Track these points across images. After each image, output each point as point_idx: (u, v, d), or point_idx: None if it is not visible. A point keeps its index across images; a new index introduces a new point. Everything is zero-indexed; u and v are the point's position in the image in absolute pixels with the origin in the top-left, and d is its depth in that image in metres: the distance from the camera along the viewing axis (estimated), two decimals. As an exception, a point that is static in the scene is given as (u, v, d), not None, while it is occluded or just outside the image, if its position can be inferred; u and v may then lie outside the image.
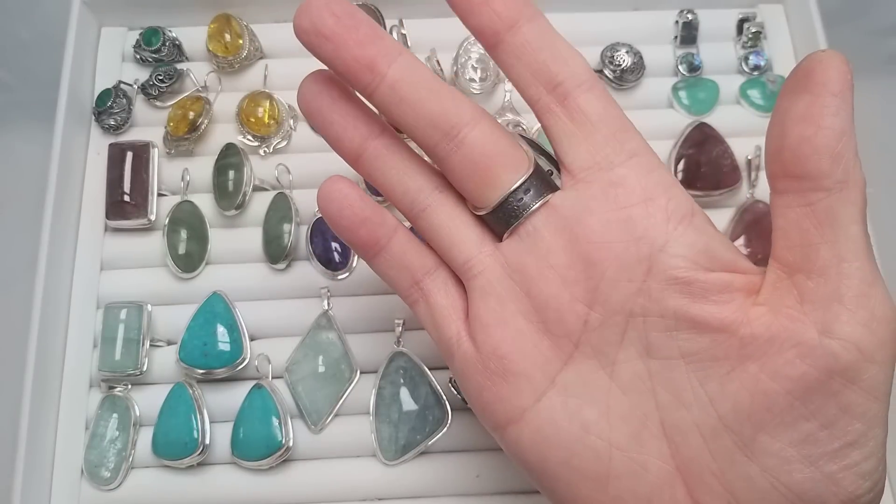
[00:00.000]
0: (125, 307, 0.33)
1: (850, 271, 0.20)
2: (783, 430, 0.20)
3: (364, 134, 0.24)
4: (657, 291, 0.22)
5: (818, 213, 0.20)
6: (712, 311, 0.21)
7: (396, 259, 0.25)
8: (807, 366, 0.20)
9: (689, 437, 0.21)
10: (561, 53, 0.23)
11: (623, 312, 0.22)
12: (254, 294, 0.34)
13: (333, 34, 0.22)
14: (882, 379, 0.20)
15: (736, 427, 0.21)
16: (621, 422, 0.22)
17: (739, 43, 0.39)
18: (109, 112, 0.37)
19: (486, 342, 0.23)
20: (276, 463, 0.31)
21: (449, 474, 0.32)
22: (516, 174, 0.23)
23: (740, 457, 0.21)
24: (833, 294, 0.20)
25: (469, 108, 0.23)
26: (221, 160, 0.35)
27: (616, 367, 0.22)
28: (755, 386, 0.20)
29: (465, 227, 0.24)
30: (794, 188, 0.21)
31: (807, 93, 0.20)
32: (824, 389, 0.19)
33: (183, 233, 0.35)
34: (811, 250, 0.20)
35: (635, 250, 0.22)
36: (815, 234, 0.20)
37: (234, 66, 0.37)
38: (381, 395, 0.32)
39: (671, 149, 0.36)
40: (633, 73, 0.37)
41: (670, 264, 0.21)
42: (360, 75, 0.22)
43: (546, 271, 0.23)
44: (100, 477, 0.32)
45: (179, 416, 0.31)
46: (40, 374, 0.32)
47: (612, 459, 0.22)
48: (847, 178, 0.20)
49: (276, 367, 0.33)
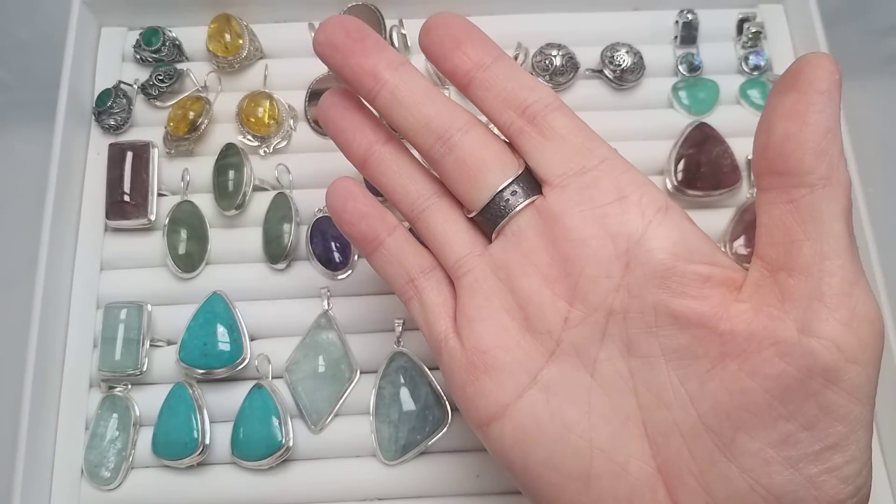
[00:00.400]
0: (125, 307, 0.33)
1: (832, 269, 0.20)
2: (762, 431, 0.20)
3: (371, 140, 0.26)
4: (636, 287, 0.22)
5: (801, 210, 0.20)
6: (692, 306, 0.21)
7: (394, 256, 0.26)
8: (785, 364, 0.20)
9: (669, 438, 0.22)
10: (527, 83, 0.24)
11: (603, 309, 0.22)
12: (254, 294, 0.34)
13: (343, 45, 0.25)
14: (864, 380, 0.19)
15: (715, 427, 0.21)
16: (602, 421, 0.22)
17: (739, 43, 0.39)
18: (109, 112, 0.37)
19: (471, 337, 0.24)
20: (276, 463, 0.31)
21: (449, 474, 0.32)
22: (504, 176, 0.24)
23: (720, 457, 0.21)
24: (814, 292, 0.20)
25: (462, 115, 0.25)
26: (221, 160, 0.35)
27: (598, 365, 0.23)
28: (734, 384, 0.20)
29: (459, 230, 0.25)
30: (778, 185, 0.21)
31: (794, 90, 0.21)
32: (804, 389, 0.19)
33: (183, 233, 0.35)
34: (793, 247, 0.20)
35: (612, 246, 0.22)
36: (798, 230, 0.20)
37: (234, 66, 0.37)
38: (381, 395, 0.32)
39: (671, 149, 0.36)
40: (633, 73, 0.37)
41: (647, 257, 0.22)
42: (364, 81, 0.25)
43: (528, 269, 0.23)
44: (100, 477, 0.32)
45: (179, 416, 0.31)
46: (40, 374, 0.32)
47: (593, 459, 0.22)
48: (831, 175, 0.20)
49: (276, 367, 0.33)
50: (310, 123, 0.37)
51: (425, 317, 0.26)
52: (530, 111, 0.24)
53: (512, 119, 0.24)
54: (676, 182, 0.35)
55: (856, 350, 0.19)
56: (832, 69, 0.20)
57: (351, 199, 0.26)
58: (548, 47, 0.38)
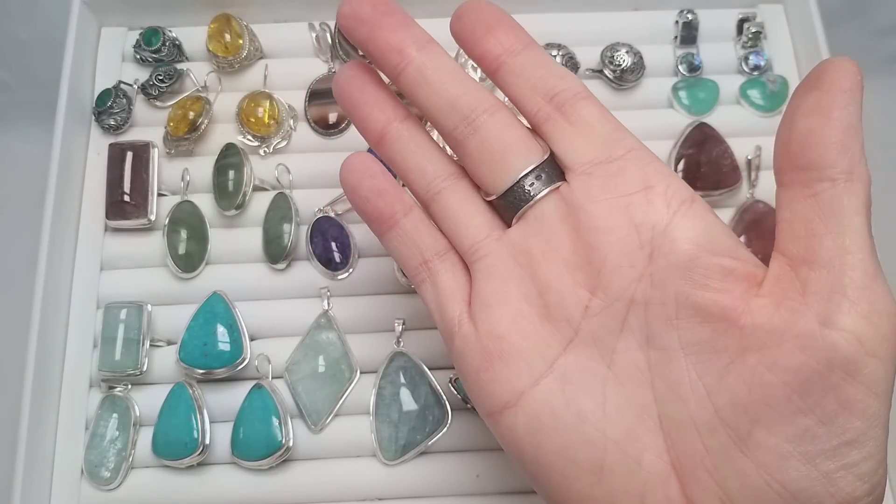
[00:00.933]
0: (125, 307, 0.33)
1: (854, 262, 0.20)
2: (780, 425, 0.20)
3: (389, 117, 0.26)
4: (659, 277, 0.22)
5: (823, 204, 0.20)
6: (714, 298, 0.21)
7: (409, 236, 0.25)
8: (806, 356, 0.19)
9: (684, 432, 0.21)
10: (557, 71, 0.24)
11: (624, 299, 0.22)
12: (254, 294, 0.34)
13: (369, 19, 0.24)
14: (883, 375, 0.19)
15: (732, 421, 0.21)
16: (617, 414, 0.22)
17: (739, 43, 0.39)
18: (109, 112, 0.37)
19: (486, 321, 0.23)
20: (276, 463, 0.31)
21: (449, 474, 0.32)
22: (528, 161, 0.24)
23: (735, 452, 0.20)
24: (835, 285, 0.20)
25: (488, 97, 0.25)
26: (221, 160, 0.35)
27: (615, 356, 0.22)
28: (753, 378, 0.20)
29: (476, 213, 0.25)
30: (800, 180, 0.21)
31: (817, 89, 0.21)
32: (823, 382, 0.19)
33: (183, 233, 0.35)
34: (815, 241, 0.20)
35: (636, 236, 0.22)
36: (820, 224, 0.20)
37: (234, 66, 0.37)
38: (381, 395, 0.32)
39: (671, 149, 0.36)
40: (633, 73, 0.37)
41: (672, 247, 0.22)
42: (389, 56, 0.24)
43: (550, 255, 0.23)
44: (100, 477, 0.32)
45: (179, 416, 0.31)
46: (40, 374, 0.32)
47: (606, 452, 0.22)
48: (853, 170, 0.20)
49: (276, 367, 0.33)
50: (310, 123, 0.37)
51: (438, 300, 0.25)
52: (559, 98, 0.24)
53: (539, 105, 0.24)
54: (676, 182, 0.35)
55: (876, 343, 0.19)
56: (855, 70, 0.21)
57: (368, 174, 0.26)
58: (548, 47, 0.38)
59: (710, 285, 0.21)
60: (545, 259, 0.23)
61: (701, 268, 0.21)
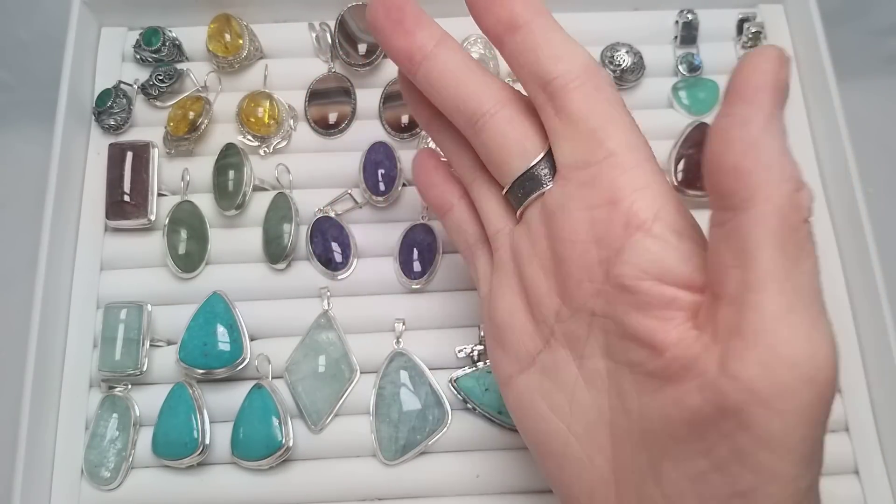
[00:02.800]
0: (125, 307, 0.33)
1: (754, 302, 0.18)
2: (682, 462, 0.19)
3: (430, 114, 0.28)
4: (611, 296, 0.21)
5: (728, 235, 0.18)
6: (648, 326, 0.20)
7: (457, 223, 0.28)
8: (702, 399, 0.18)
9: (624, 444, 0.22)
10: (554, 51, 0.23)
11: (585, 311, 0.23)
12: (254, 294, 0.34)
13: (383, 27, 0.25)
14: (782, 431, 0.17)
15: (651, 446, 0.20)
16: (581, 412, 0.23)
17: (739, 43, 0.39)
18: (109, 112, 0.37)
19: (492, 309, 0.26)
20: (276, 463, 0.31)
21: (449, 474, 0.32)
22: (524, 161, 0.24)
23: (649, 478, 0.20)
24: (734, 325, 0.18)
25: (493, 95, 0.24)
26: (221, 160, 0.35)
27: (583, 360, 0.23)
28: (664, 410, 0.20)
29: (496, 206, 0.26)
30: (713, 205, 0.19)
31: (724, 100, 0.19)
32: (717, 429, 0.18)
33: (183, 233, 0.35)
34: (724, 275, 0.19)
35: (595, 252, 0.22)
36: (727, 256, 0.18)
37: (234, 66, 0.37)
38: (381, 395, 0.32)
39: (671, 149, 0.36)
40: (633, 73, 0.37)
41: (620, 271, 0.21)
42: (401, 63, 0.25)
43: (533, 258, 0.24)
44: (100, 477, 0.32)
45: (179, 416, 0.31)
46: (40, 374, 0.32)
47: (568, 445, 0.23)
48: (753, 197, 0.18)
49: (276, 367, 0.33)
50: (310, 123, 0.37)
51: (477, 279, 0.28)
52: (551, 87, 0.23)
53: (537, 92, 0.23)
54: (676, 182, 0.35)
55: (771, 395, 0.17)
56: (766, 68, 0.18)
57: (434, 169, 0.29)
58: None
59: (649, 312, 0.20)
60: (529, 262, 0.24)
61: (644, 294, 0.20)
